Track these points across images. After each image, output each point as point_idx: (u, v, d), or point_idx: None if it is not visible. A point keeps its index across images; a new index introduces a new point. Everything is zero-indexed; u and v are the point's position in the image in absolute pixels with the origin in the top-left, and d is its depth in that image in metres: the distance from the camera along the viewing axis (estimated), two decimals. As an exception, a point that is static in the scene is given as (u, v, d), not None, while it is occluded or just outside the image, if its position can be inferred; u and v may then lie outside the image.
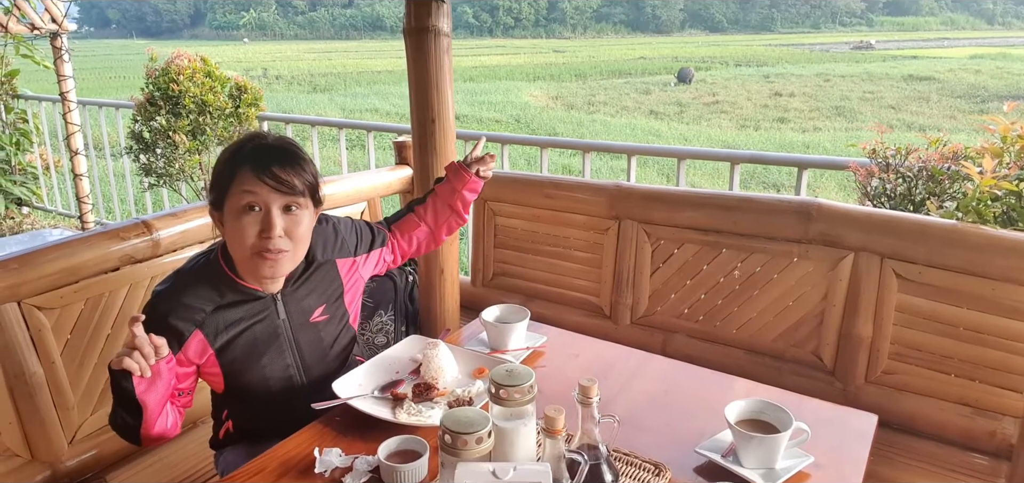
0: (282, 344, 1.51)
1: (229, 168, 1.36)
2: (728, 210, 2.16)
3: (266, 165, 1.33)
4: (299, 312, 1.52)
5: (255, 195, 1.33)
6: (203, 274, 1.44)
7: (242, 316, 1.44)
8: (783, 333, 2.14)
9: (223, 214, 1.38)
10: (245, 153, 1.37)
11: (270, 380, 1.51)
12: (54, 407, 1.78)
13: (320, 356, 1.58)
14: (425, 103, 2.04)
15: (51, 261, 1.75)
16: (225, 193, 1.36)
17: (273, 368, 1.50)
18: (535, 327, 1.86)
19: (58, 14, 4.26)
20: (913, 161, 2.24)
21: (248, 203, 1.33)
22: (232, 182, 1.34)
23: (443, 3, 1.93)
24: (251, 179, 1.32)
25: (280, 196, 1.35)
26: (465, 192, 1.77)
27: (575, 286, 2.54)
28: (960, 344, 1.87)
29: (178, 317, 1.38)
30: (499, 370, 1.23)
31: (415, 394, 1.50)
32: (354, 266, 1.66)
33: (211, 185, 1.41)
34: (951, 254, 1.85)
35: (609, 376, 1.65)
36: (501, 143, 3.53)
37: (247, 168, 1.34)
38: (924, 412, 1.94)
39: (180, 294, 1.40)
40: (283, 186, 1.34)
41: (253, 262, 1.37)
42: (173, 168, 4.27)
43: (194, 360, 1.42)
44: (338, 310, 1.61)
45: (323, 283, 1.57)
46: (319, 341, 1.57)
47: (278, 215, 1.35)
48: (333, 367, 1.62)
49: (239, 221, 1.34)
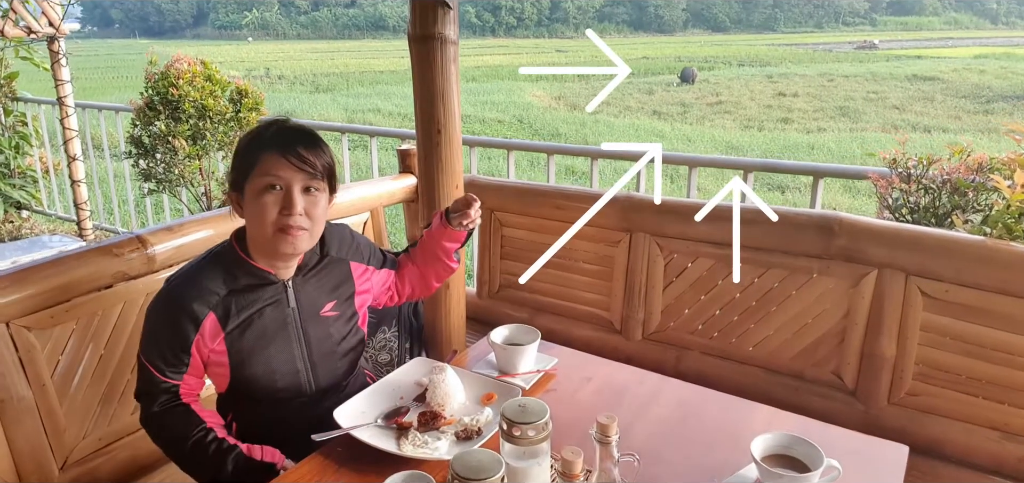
0: (290, 334, 1.50)
1: (252, 149, 1.40)
2: (744, 224, 2.08)
3: (291, 144, 1.38)
4: (309, 303, 1.52)
5: (278, 175, 1.37)
6: (216, 259, 1.46)
7: (254, 300, 1.46)
8: (802, 351, 2.06)
9: (243, 195, 1.42)
10: (269, 135, 1.41)
11: (276, 373, 1.49)
12: (44, 432, 1.70)
13: (328, 352, 1.56)
14: (430, 114, 1.96)
15: (41, 280, 1.67)
16: (247, 174, 1.40)
17: (280, 359, 1.49)
18: (545, 347, 1.78)
19: (55, 18, 4.19)
20: (936, 172, 2.16)
21: (270, 182, 1.37)
22: (256, 163, 1.38)
23: (450, 9, 1.85)
24: (275, 158, 1.37)
25: (302, 176, 1.39)
26: (445, 242, 1.72)
27: (585, 299, 2.46)
28: (989, 366, 1.79)
29: (193, 300, 1.40)
30: (511, 405, 1.15)
31: (420, 423, 1.43)
32: (367, 273, 1.67)
33: (232, 167, 1.46)
34: (981, 272, 1.77)
35: (623, 401, 1.58)
36: (507, 149, 3.45)
37: (271, 148, 1.38)
38: (951, 436, 1.85)
39: (194, 278, 1.43)
40: (306, 165, 1.38)
41: (274, 240, 1.40)
42: (173, 173, 4.20)
43: (209, 344, 1.43)
44: (348, 308, 1.60)
45: (335, 278, 1.58)
46: (328, 336, 1.56)
47: (299, 194, 1.39)
48: (340, 370, 1.60)
49: (260, 199, 1.38)
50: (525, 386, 1.60)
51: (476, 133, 15.32)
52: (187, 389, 1.46)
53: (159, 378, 1.42)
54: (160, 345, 1.41)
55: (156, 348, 1.41)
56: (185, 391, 1.46)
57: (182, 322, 1.39)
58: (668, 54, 38.40)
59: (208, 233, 1.98)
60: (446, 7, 1.85)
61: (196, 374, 1.46)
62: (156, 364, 1.41)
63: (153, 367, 1.41)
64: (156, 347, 1.41)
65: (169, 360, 1.41)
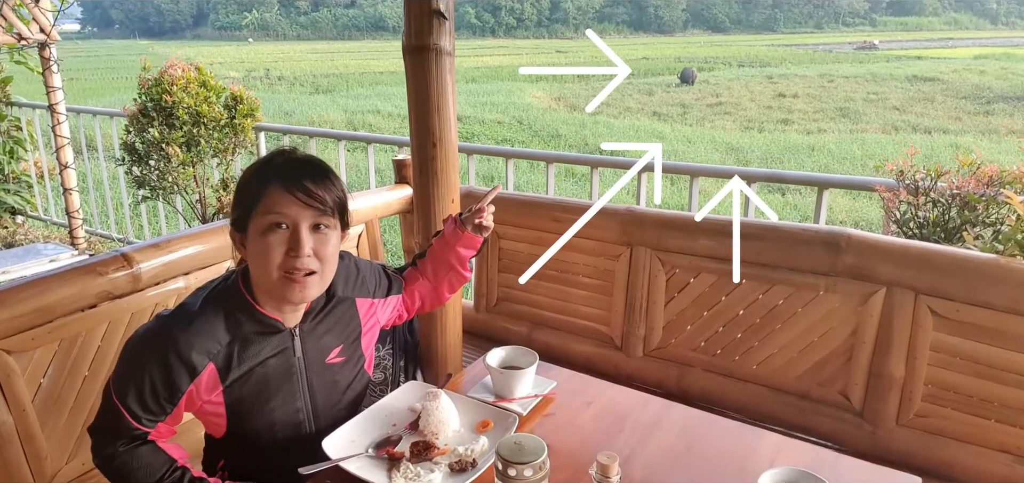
0: (295, 386, 1.39)
1: (255, 184, 1.27)
2: (749, 239, 2.03)
3: (296, 178, 1.25)
4: (316, 351, 1.41)
5: (284, 212, 1.24)
6: (220, 301, 1.32)
7: (259, 350, 1.33)
8: (808, 371, 2.01)
9: (246, 235, 1.28)
10: (273, 168, 1.27)
11: (277, 425, 1.39)
12: (25, 457, 1.65)
13: (333, 403, 1.47)
14: (425, 126, 1.90)
15: (21, 301, 1.61)
16: (250, 211, 1.26)
17: (283, 412, 1.39)
18: (543, 368, 1.72)
19: (46, 24, 4.13)
20: (945, 185, 2.10)
21: (275, 221, 1.24)
22: (259, 199, 1.25)
23: (445, 20, 1.80)
24: (280, 194, 1.24)
25: (310, 213, 1.26)
26: (459, 249, 1.63)
27: (584, 314, 2.40)
28: (1002, 387, 1.74)
29: (192, 348, 1.26)
30: (507, 443, 1.10)
31: (413, 454, 1.37)
32: (372, 308, 1.56)
33: (235, 203, 1.32)
34: (993, 291, 1.72)
35: (625, 428, 1.52)
36: (505, 157, 3.40)
37: (276, 183, 1.25)
38: (961, 459, 1.80)
39: (194, 322, 1.28)
40: (314, 201, 1.25)
41: (280, 285, 1.27)
42: (167, 181, 4.14)
43: (204, 396, 1.29)
44: (355, 352, 1.51)
45: (342, 321, 1.47)
46: (334, 385, 1.46)
47: (307, 234, 1.26)
48: (342, 417, 1.49)
49: (265, 240, 1.24)
50: (522, 412, 1.54)
51: (475, 134, 15.26)
52: (156, 434, 1.31)
53: (130, 423, 1.25)
54: (142, 390, 1.23)
55: (135, 392, 1.23)
56: (153, 435, 1.30)
57: (176, 369, 1.24)
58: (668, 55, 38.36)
59: (196, 249, 1.92)
60: (442, 17, 1.79)
61: (173, 423, 1.31)
62: (131, 409, 1.23)
63: (126, 410, 1.23)
64: (136, 391, 1.23)
65: (149, 407, 1.24)
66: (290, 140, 4.40)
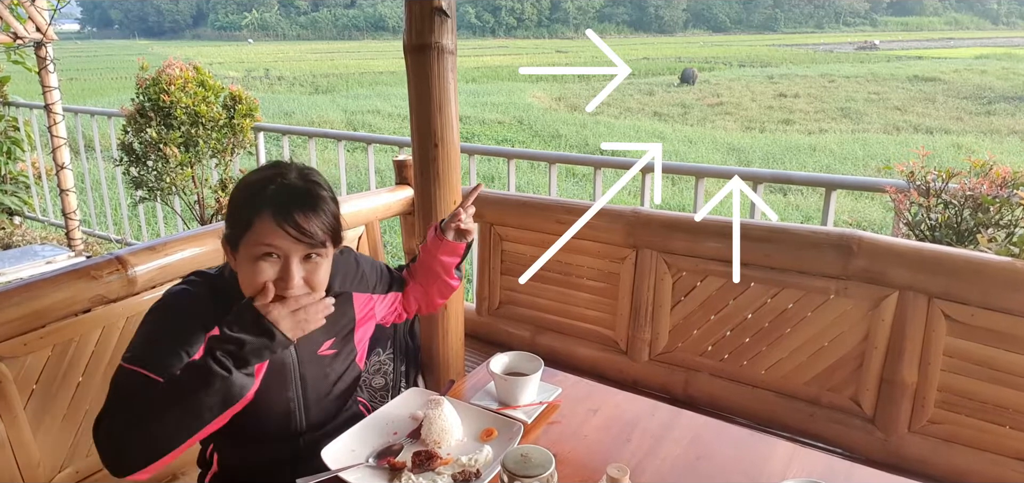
0: (286, 376, 1.40)
1: (247, 212, 1.25)
2: (758, 242, 1.98)
3: (287, 212, 1.23)
4: (308, 342, 1.40)
5: (274, 245, 1.23)
6: (220, 284, 1.34)
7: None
8: (818, 376, 1.96)
9: (237, 252, 1.28)
10: (266, 196, 1.24)
11: (267, 413, 1.39)
12: (16, 465, 1.60)
13: (323, 393, 1.47)
14: (427, 126, 1.86)
15: (13, 305, 1.57)
16: (241, 233, 1.25)
17: (273, 400, 1.39)
18: (548, 374, 1.68)
19: (42, 23, 4.08)
20: (957, 186, 2.06)
21: (266, 252, 1.24)
22: (249, 227, 1.24)
23: (447, 18, 1.75)
24: (271, 228, 1.22)
25: (300, 247, 1.25)
26: (442, 256, 1.61)
27: (588, 318, 2.36)
28: (1019, 394, 1.70)
29: (205, 311, 1.27)
30: (513, 454, 1.06)
31: (415, 464, 1.33)
32: (370, 303, 1.57)
33: (228, 220, 1.31)
34: (1008, 295, 1.68)
35: (633, 437, 1.48)
36: (507, 158, 3.35)
37: (267, 214, 1.22)
38: (976, 467, 1.76)
39: (205, 294, 1.31)
40: (305, 236, 1.24)
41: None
42: (165, 182, 4.09)
43: None
44: (347, 344, 1.51)
45: (335, 315, 1.43)
46: (325, 376, 1.47)
47: (297, 265, 1.25)
48: (333, 409, 1.51)
49: (255, 265, 1.24)
50: (527, 420, 1.50)
51: (476, 134, 15.22)
52: None
53: (150, 378, 1.18)
54: (163, 343, 1.22)
55: (158, 348, 1.21)
56: None
57: (193, 328, 1.24)
58: (668, 55, 38.33)
59: (192, 252, 1.88)
60: (444, 15, 1.75)
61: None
62: (152, 364, 1.18)
63: (147, 368, 1.18)
64: (158, 346, 1.21)
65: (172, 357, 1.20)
66: (290, 141, 4.35)
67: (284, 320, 1.19)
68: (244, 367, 1.16)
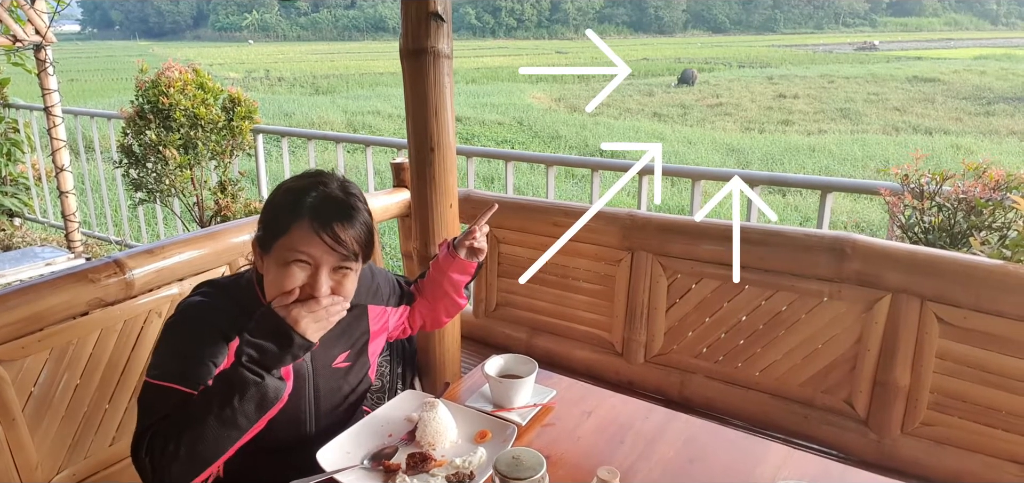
0: (300, 387, 1.41)
1: (285, 216, 1.26)
2: (752, 244, 1.99)
3: (326, 222, 1.25)
4: (324, 355, 1.43)
5: (308, 252, 1.24)
6: (235, 294, 1.34)
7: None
8: (812, 378, 1.97)
9: (268, 254, 1.28)
10: (306, 204, 1.26)
11: (279, 423, 1.36)
12: (15, 467, 1.61)
13: (335, 404, 1.49)
14: (423, 131, 1.87)
15: (11, 309, 1.58)
16: (276, 236, 1.26)
17: (286, 411, 1.36)
18: (543, 376, 1.69)
19: (42, 25, 4.09)
20: (950, 190, 2.07)
21: (299, 259, 1.25)
22: (286, 231, 1.25)
23: (443, 23, 1.77)
24: (308, 234, 1.24)
25: (333, 257, 1.26)
26: (453, 274, 1.61)
27: (584, 320, 2.37)
28: (1010, 396, 1.71)
29: (224, 322, 1.28)
30: (505, 457, 1.07)
31: (409, 466, 1.34)
32: (384, 316, 1.58)
33: (263, 222, 1.31)
34: (1001, 298, 1.69)
35: (626, 439, 1.49)
36: (505, 160, 3.36)
37: (305, 222, 1.24)
38: (969, 468, 1.77)
39: (223, 306, 1.31)
40: (340, 247, 1.26)
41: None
42: (164, 183, 4.10)
43: None
44: (361, 357, 1.52)
45: (352, 327, 1.48)
46: (338, 389, 1.48)
47: (326, 275, 1.26)
48: (342, 419, 1.51)
49: (286, 269, 1.24)
50: (521, 422, 1.51)
51: (475, 135, 15.23)
52: None
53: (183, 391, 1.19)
54: (190, 357, 1.23)
55: (185, 362, 1.23)
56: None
57: (216, 339, 1.26)
58: (668, 55, 38.35)
59: (190, 255, 1.90)
60: (440, 20, 1.76)
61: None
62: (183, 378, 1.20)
63: (179, 383, 1.20)
64: (186, 360, 1.23)
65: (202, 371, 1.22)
66: (289, 143, 4.36)
67: (303, 319, 1.18)
68: (272, 371, 1.18)
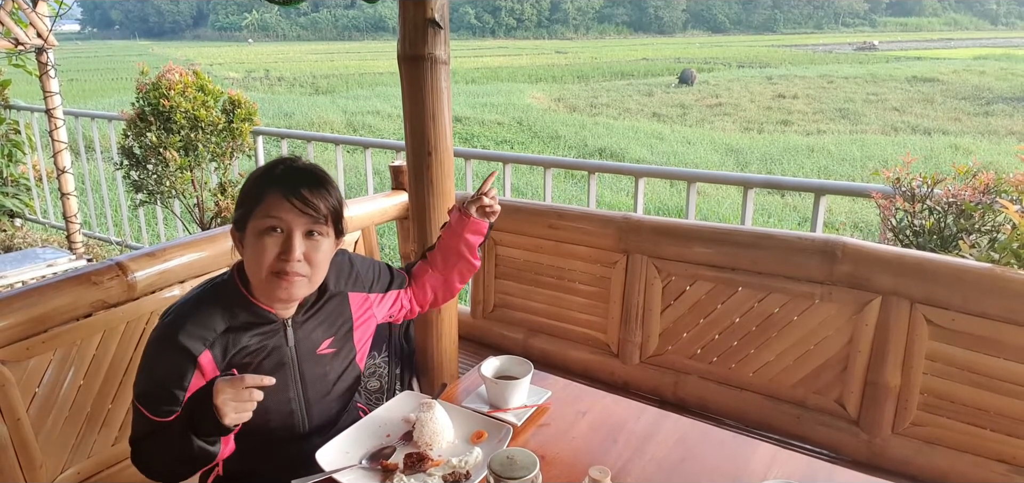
0: (286, 374, 1.44)
1: (257, 188, 1.36)
2: (745, 247, 2.03)
3: (295, 186, 1.34)
4: (307, 342, 1.47)
5: (279, 217, 1.33)
6: (214, 294, 1.41)
7: (252, 338, 1.40)
8: (804, 379, 2.00)
9: (244, 234, 1.37)
10: (275, 175, 1.37)
11: (270, 414, 1.43)
12: (19, 467, 1.64)
13: (324, 393, 1.51)
14: (421, 135, 1.90)
15: (16, 311, 1.61)
16: (250, 213, 1.35)
17: (275, 399, 1.42)
18: (539, 377, 1.72)
19: (43, 28, 4.12)
20: (941, 193, 2.10)
21: (271, 224, 1.33)
22: (259, 203, 1.34)
23: (440, 29, 1.80)
24: (278, 200, 1.33)
25: (304, 220, 1.34)
26: (467, 235, 1.66)
27: (580, 321, 2.40)
28: (998, 397, 1.74)
29: (189, 336, 1.33)
30: (499, 457, 1.10)
31: (406, 465, 1.37)
32: (367, 303, 1.61)
33: (237, 204, 1.41)
34: (989, 301, 1.72)
35: (619, 438, 1.52)
36: (503, 162, 3.39)
37: (275, 189, 1.34)
38: (958, 468, 1.80)
39: (191, 313, 1.36)
40: (309, 208, 1.34)
41: (269, 283, 1.35)
42: (164, 185, 4.13)
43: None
44: (346, 344, 1.55)
45: (333, 314, 1.52)
46: (324, 376, 1.51)
47: (299, 239, 1.34)
48: (335, 409, 1.55)
49: (260, 241, 1.33)
50: (517, 423, 1.54)
51: (475, 135, 15.25)
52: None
53: (151, 419, 1.31)
54: (154, 385, 1.32)
55: (151, 389, 1.32)
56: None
57: (179, 362, 1.31)
58: (667, 55, 38.37)
59: (191, 258, 1.92)
60: (437, 27, 1.79)
61: None
62: (150, 406, 1.31)
63: (147, 410, 1.31)
64: (151, 388, 1.32)
65: (163, 399, 1.31)
66: (289, 144, 4.39)
67: (227, 404, 1.21)
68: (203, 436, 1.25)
